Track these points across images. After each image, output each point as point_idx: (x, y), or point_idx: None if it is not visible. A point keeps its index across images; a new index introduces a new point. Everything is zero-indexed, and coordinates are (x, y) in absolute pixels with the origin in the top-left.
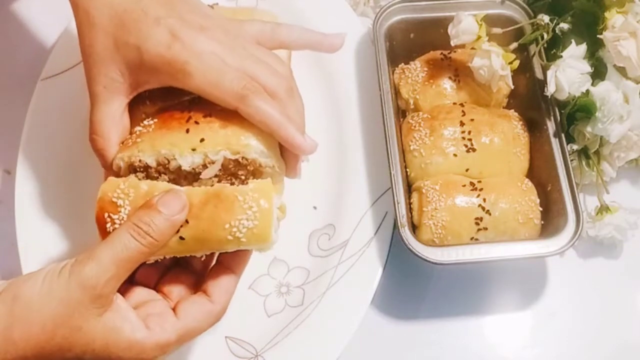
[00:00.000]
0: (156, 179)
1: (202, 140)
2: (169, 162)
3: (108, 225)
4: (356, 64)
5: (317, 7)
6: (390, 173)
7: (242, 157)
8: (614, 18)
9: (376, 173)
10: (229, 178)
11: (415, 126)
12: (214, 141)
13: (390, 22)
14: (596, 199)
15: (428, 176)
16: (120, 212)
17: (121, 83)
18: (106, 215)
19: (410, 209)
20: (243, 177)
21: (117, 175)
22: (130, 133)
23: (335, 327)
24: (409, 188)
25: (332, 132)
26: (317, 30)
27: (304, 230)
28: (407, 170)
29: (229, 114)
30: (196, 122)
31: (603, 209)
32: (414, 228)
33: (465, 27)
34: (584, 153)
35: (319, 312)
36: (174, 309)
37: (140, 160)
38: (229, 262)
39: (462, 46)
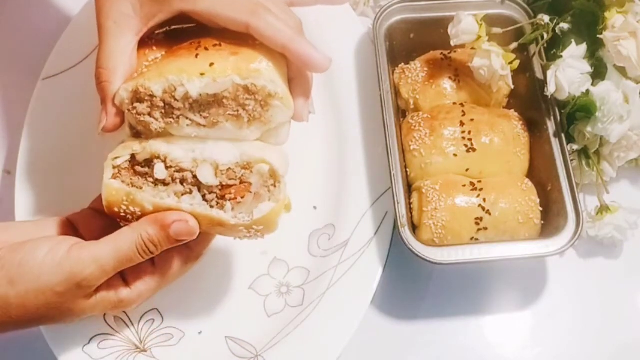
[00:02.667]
0: (161, 112)
1: (211, 64)
2: (175, 89)
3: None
4: (356, 64)
5: (317, 7)
6: (390, 173)
7: (252, 84)
8: (614, 18)
9: (376, 173)
10: (236, 109)
11: (415, 126)
12: (223, 66)
13: (390, 22)
14: (596, 199)
15: (428, 176)
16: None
17: (132, 17)
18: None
19: (410, 209)
20: (250, 109)
21: (119, 112)
22: (136, 71)
23: (335, 327)
24: (409, 188)
25: (332, 132)
26: None
27: (304, 230)
28: (407, 170)
29: (240, 44)
30: (206, 49)
31: (603, 209)
32: (414, 228)
33: (465, 27)
34: (584, 153)
35: (319, 312)
36: (152, 258)
37: (145, 88)
38: None
39: (462, 46)
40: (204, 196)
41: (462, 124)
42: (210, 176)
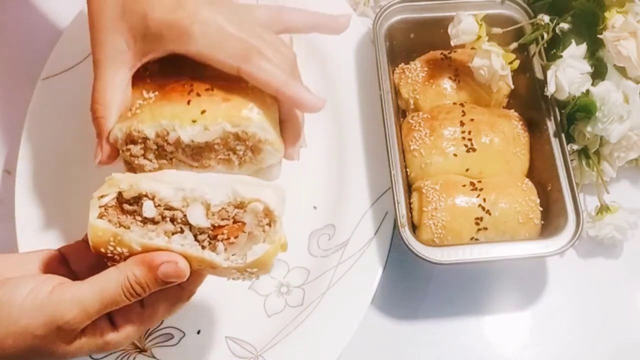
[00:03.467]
0: (155, 153)
1: (203, 111)
2: (168, 133)
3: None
4: (356, 64)
5: (317, 7)
6: (390, 173)
7: (242, 131)
8: (614, 18)
9: (376, 173)
10: (227, 154)
11: (415, 126)
12: (215, 113)
13: (390, 22)
14: (596, 199)
15: (428, 176)
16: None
17: (126, 53)
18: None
19: (410, 209)
20: (241, 154)
21: (114, 148)
22: (130, 108)
23: (335, 327)
24: (409, 188)
25: (332, 132)
26: (322, 13)
27: (304, 230)
28: (407, 170)
29: (232, 88)
30: (198, 95)
31: (603, 209)
32: (414, 228)
33: (465, 27)
34: (584, 153)
35: (319, 312)
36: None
37: (139, 132)
38: None
39: (462, 46)
40: (195, 236)
41: (462, 124)
42: (201, 217)
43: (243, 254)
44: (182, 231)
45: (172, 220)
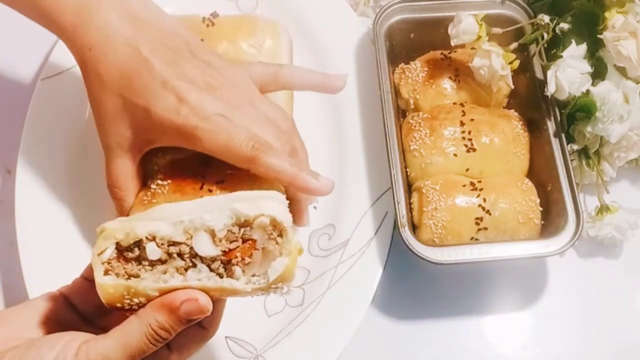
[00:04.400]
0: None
1: None
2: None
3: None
4: (356, 64)
5: (317, 7)
6: (391, 173)
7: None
8: (614, 18)
9: (376, 173)
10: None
11: (415, 126)
12: None
13: (390, 22)
14: (596, 199)
15: (428, 176)
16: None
17: (132, 140)
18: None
19: (410, 209)
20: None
21: None
22: (145, 185)
23: (335, 327)
24: (409, 188)
25: (332, 132)
26: (319, 72)
27: (304, 230)
28: (407, 170)
29: (242, 179)
30: (210, 191)
31: (603, 209)
32: (414, 228)
33: (466, 27)
34: (584, 153)
35: (319, 312)
36: (168, 343)
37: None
38: None
39: (462, 46)
40: (209, 266)
41: (462, 124)
42: (208, 246)
43: (263, 272)
44: (194, 265)
45: (180, 255)
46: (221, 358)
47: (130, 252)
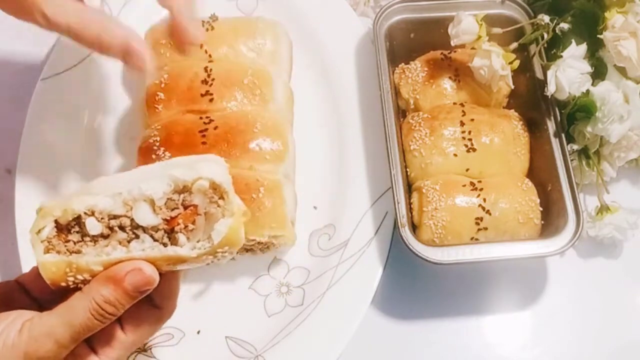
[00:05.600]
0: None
1: None
2: None
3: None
4: (356, 64)
5: (317, 7)
6: (391, 173)
7: (257, 242)
8: (614, 18)
9: (376, 173)
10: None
11: (415, 126)
12: None
13: (390, 22)
14: (596, 199)
15: (428, 176)
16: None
17: None
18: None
19: (410, 209)
20: (258, 250)
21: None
22: None
23: (335, 327)
24: (409, 188)
25: (332, 132)
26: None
27: (304, 230)
28: (407, 170)
29: (245, 203)
30: None
31: (603, 209)
32: (414, 228)
33: (466, 27)
34: (584, 153)
35: (319, 312)
36: (120, 321)
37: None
38: None
39: (462, 46)
40: (152, 236)
41: (462, 124)
42: (149, 216)
43: (207, 236)
44: (137, 236)
45: (122, 228)
46: (221, 358)
47: (70, 229)
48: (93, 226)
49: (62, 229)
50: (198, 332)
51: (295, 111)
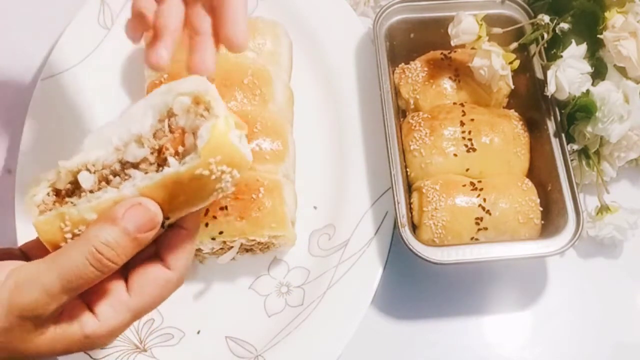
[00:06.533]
0: None
1: (220, 232)
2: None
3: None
4: (356, 64)
5: (317, 7)
6: (391, 173)
7: (257, 243)
8: (614, 18)
9: (376, 173)
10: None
11: (415, 126)
12: (231, 233)
13: (390, 22)
14: (596, 199)
15: (428, 176)
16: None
17: None
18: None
19: (410, 209)
20: (256, 249)
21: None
22: None
23: (335, 327)
24: (409, 188)
25: (332, 132)
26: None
27: (304, 230)
28: (407, 170)
29: (245, 205)
30: (214, 217)
31: (603, 209)
32: (414, 228)
33: (466, 27)
34: (584, 153)
35: (319, 312)
36: (126, 282)
37: None
38: (181, 220)
39: (463, 46)
40: (146, 172)
41: (462, 123)
42: (136, 150)
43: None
44: (130, 176)
45: (116, 174)
46: (221, 358)
47: (70, 194)
48: (86, 179)
49: (61, 195)
50: (198, 332)
51: (295, 111)
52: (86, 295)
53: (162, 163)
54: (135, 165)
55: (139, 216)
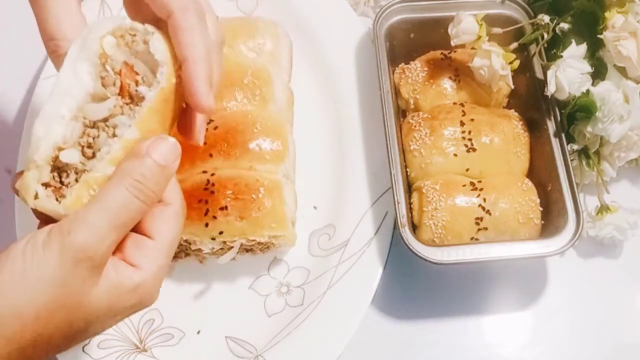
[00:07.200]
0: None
1: (220, 232)
2: (190, 243)
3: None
4: (356, 64)
5: (317, 7)
6: (391, 173)
7: (257, 243)
8: (614, 18)
9: (376, 173)
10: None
11: (415, 126)
12: (231, 233)
13: (390, 22)
14: (596, 199)
15: (428, 176)
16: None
17: None
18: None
19: (410, 209)
20: (257, 249)
21: None
22: None
23: (335, 327)
24: (409, 188)
25: (332, 132)
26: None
27: (304, 230)
28: (407, 170)
29: (245, 205)
30: (214, 217)
31: (603, 208)
32: (414, 228)
33: (466, 27)
34: (584, 153)
35: (319, 312)
36: (142, 232)
37: None
38: None
39: (463, 46)
40: (122, 113)
41: (462, 123)
42: (99, 106)
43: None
44: (113, 126)
45: (95, 136)
46: (221, 358)
47: (61, 178)
48: (69, 155)
49: (50, 184)
50: (198, 332)
51: (295, 111)
52: (118, 253)
53: (132, 101)
54: (111, 117)
55: (163, 147)
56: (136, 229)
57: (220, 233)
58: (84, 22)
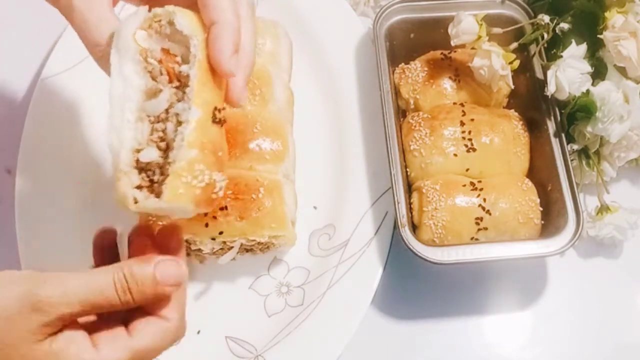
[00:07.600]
0: None
1: (220, 232)
2: (190, 243)
3: None
4: (356, 64)
5: (317, 7)
6: (391, 173)
7: (257, 243)
8: (614, 18)
9: (376, 173)
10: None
11: (415, 126)
12: (231, 233)
13: (390, 22)
14: (596, 199)
15: (428, 176)
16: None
17: None
18: None
19: (410, 209)
20: (257, 249)
21: None
22: None
23: (335, 327)
24: (409, 188)
25: (332, 132)
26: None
27: (304, 230)
28: (407, 170)
29: (245, 205)
30: (214, 217)
31: (603, 208)
32: (414, 228)
33: (466, 27)
34: (584, 153)
35: (319, 312)
36: (126, 327)
37: None
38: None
39: (463, 46)
40: (182, 98)
41: (462, 123)
42: (157, 101)
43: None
44: (178, 113)
45: (163, 130)
46: (221, 358)
47: (150, 177)
48: (148, 154)
49: (142, 185)
50: (198, 332)
51: (295, 111)
52: (88, 329)
53: (180, 82)
54: (170, 107)
55: (169, 268)
56: (125, 323)
57: (220, 233)
58: (117, 22)
